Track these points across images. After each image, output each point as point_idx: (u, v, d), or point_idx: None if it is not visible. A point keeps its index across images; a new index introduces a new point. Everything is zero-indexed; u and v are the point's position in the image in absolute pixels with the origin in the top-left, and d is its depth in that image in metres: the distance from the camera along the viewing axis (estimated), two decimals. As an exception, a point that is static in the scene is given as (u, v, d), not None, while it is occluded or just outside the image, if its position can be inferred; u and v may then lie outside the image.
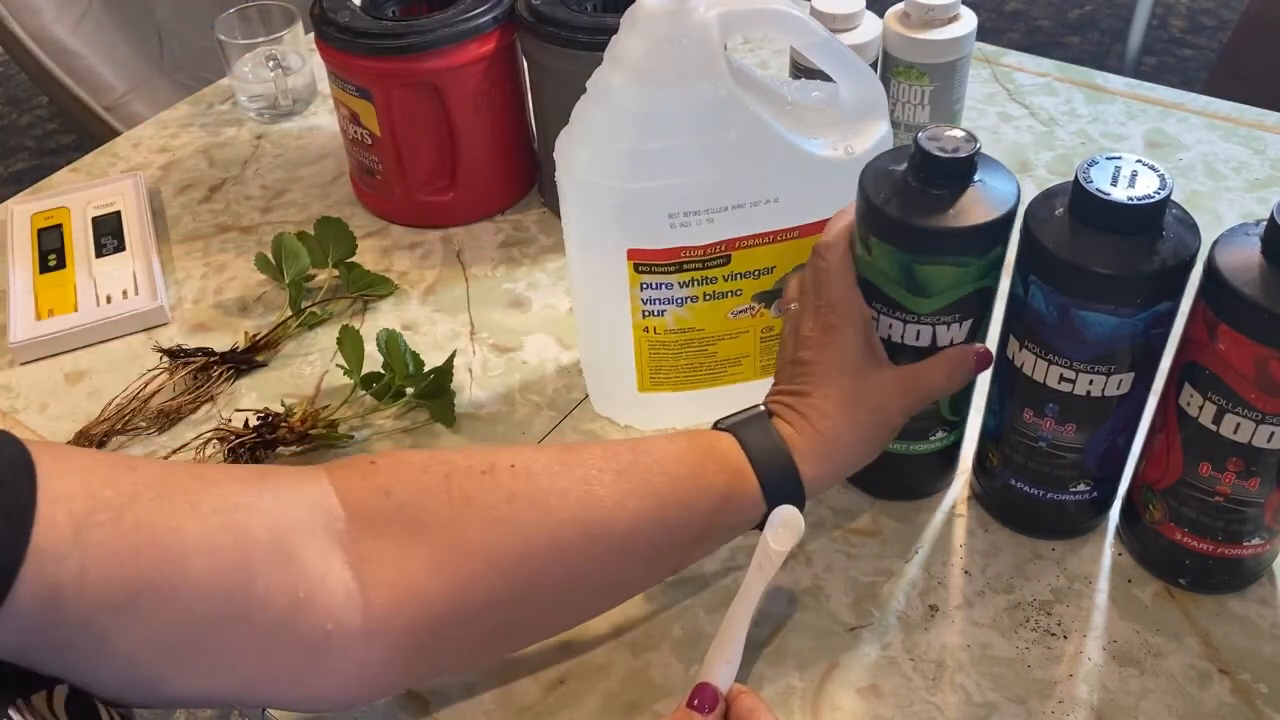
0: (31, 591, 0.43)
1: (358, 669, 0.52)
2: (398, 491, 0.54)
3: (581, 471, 0.56)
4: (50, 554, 0.43)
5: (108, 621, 0.45)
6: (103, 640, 0.46)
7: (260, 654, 0.50)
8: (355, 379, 0.77)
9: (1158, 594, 0.65)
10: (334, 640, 0.50)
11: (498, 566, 0.53)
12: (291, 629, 0.50)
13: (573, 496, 0.55)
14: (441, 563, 0.53)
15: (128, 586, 0.45)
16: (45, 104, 2.70)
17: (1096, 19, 2.85)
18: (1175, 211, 0.58)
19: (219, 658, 0.49)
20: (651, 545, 0.57)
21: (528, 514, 0.54)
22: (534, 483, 0.55)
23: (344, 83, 0.90)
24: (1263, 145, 0.99)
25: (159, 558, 0.46)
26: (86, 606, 0.44)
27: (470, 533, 0.53)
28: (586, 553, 0.55)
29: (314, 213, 0.97)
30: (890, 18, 0.89)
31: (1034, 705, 0.60)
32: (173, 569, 0.47)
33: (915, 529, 0.69)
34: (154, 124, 1.13)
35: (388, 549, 0.52)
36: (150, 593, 0.46)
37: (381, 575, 0.52)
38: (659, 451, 0.58)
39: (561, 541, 0.54)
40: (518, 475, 0.55)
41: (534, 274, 0.91)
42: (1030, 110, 1.05)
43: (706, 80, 0.62)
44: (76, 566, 0.44)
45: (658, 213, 0.65)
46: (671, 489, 0.57)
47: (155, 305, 0.88)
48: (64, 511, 0.44)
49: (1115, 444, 0.64)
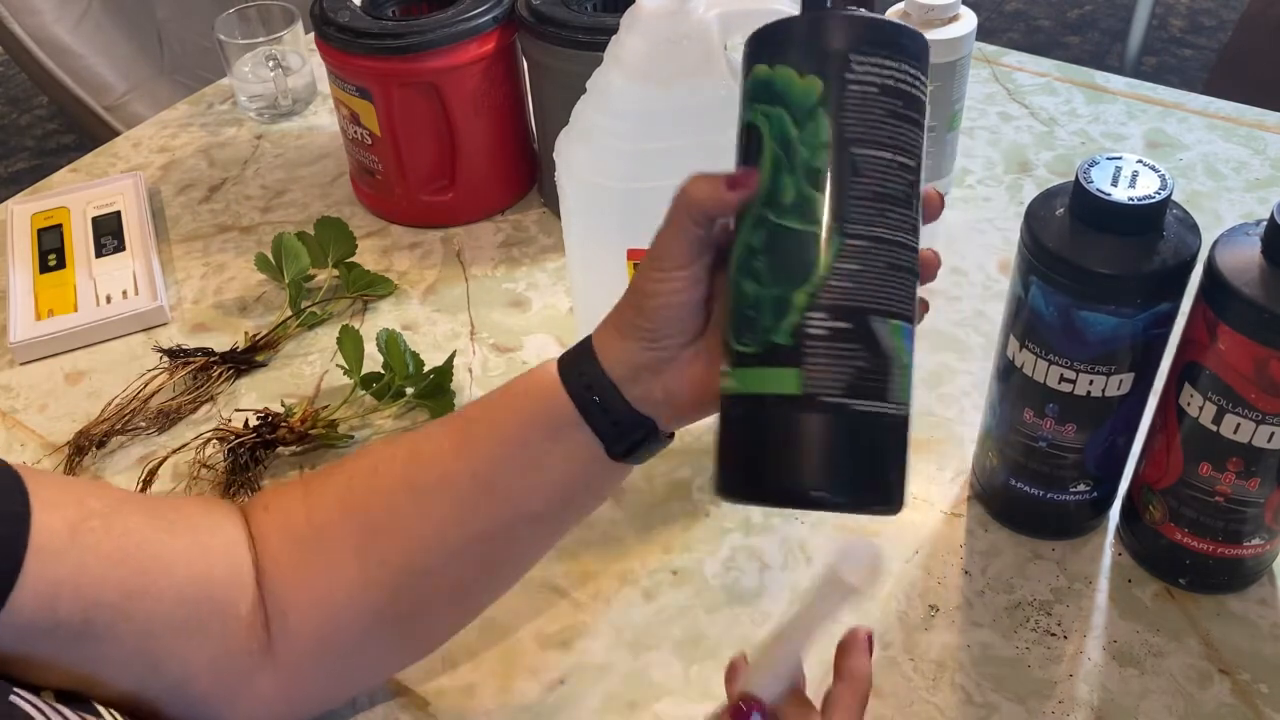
0: (34, 588, 0.45)
1: (279, 687, 0.54)
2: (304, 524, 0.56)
3: (418, 434, 0.56)
4: (50, 552, 0.46)
5: (103, 622, 0.47)
6: (98, 641, 0.48)
7: (211, 668, 0.52)
8: (355, 379, 0.77)
9: (1158, 594, 0.65)
10: (258, 658, 0.54)
11: (360, 556, 0.54)
12: (238, 643, 0.53)
13: (399, 459, 0.55)
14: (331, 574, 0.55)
15: (121, 586, 0.48)
16: (45, 104, 2.70)
17: (1096, 19, 2.85)
18: (1175, 211, 0.58)
19: (183, 667, 0.51)
20: (474, 476, 0.53)
21: (365, 496, 0.55)
22: (382, 465, 0.56)
23: (344, 83, 0.90)
24: (1263, 145, 0.99)
25: (146, 563, 0.50)
26: (84, 604, 0.47)
27: (346, 533, 0.55)
28: (419, 510, 0.54)
29: (314, 213, 0.97)
30: (890, 17, 0.89)
31: (1034, 705, 0.60)
32: (160, 573, 0.50)
33: (915, 529, 0.69)
34: (154, 124, 1.13)
35: (297, 575, 0.55)
36: (140, 595, 0.49)
37: (292, 597, 0.54)
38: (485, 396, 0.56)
39: (396, 508, 0.54)
40: (383, 463, 0.56)
41: (534, 274, 0.91)
42: (1030, 110, 1.05)
43: (707, 80, 0.62)
44: (74, 564, 0.47)
45: (658, 213, 0.64)
46: (479, 411, 0.55)
47: (155, 305, 0.88)
48: (59, 516, 0.47)
49: (1115, 444, 0.64)
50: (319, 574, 0.54)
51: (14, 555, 0.45)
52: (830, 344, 0.43)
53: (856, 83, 0.45)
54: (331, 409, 0.77)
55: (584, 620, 0.65)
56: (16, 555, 0.45)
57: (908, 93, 0.46)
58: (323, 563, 0.54)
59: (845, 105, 0.45)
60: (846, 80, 0.45)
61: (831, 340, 0.43)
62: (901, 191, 0.45)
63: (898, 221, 0.45)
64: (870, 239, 0.44)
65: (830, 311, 0.43)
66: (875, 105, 0.45)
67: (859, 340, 0.43)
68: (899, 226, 0.45)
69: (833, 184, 0.44)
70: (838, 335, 0.43)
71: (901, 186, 0.45)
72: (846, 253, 0.44)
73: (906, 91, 0.46)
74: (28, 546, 0.45)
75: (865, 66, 0.45)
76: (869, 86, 0.45)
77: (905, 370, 0.44)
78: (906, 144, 0.45)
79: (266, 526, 0.56)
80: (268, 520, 0.56)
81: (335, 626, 0.54)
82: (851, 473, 0.44)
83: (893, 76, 0.45)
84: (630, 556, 0.68)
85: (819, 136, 0.45)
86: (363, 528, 0.54)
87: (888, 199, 0.45)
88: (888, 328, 0.44)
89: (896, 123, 0.45)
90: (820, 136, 0.45)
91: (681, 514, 0.71)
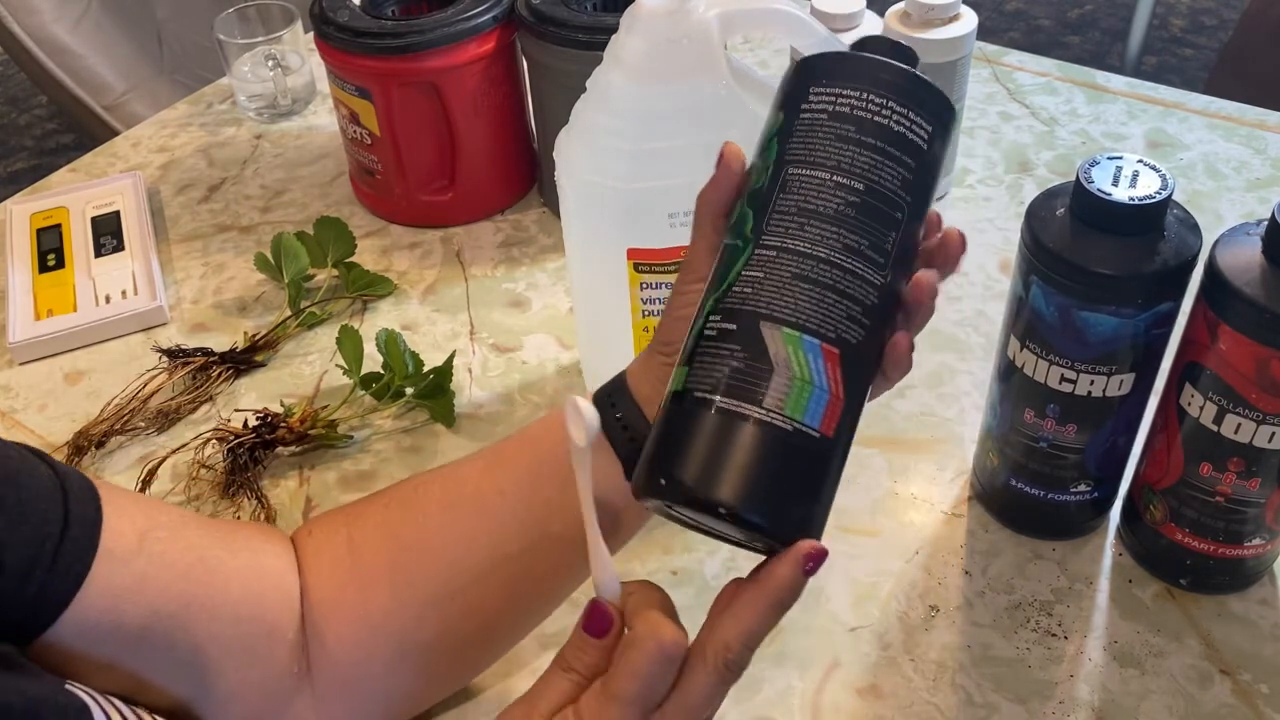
0: (100, 589, 0.47)
1: (315, 715, 0.55)
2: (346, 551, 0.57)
3: (461, 459, 0.57)
4: (118, 557, 0.48)
5: (160, 630, 0.49)
6: (153, 650, 0.50)
7: (256, 688, 0.53)
8: (355, 379, 0.77)
9: (1158, 594, 0.65)
10: (299, 682, 0.55)
11: (390, 578, 0.55)
12: (282, 667, 0.54)
13: (437, 479, 0.57)
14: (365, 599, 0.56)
15: (181, 598, 0.50)
16: (44, 104, 2.70)
17: (1097, 18, 2.85)
18: (1176, 212, 0.58)
19: (229, 686, 0.52)
20: (501, 494, 0.54)
21: (401, 514, 0.56)
22: (422, 489, 0.57)
23: (343, 82, 0.90)
24: (1263, 145, 0.99)
25: (206, 578, 0.52)
26: (145, 611, 0.49)
27: (385, 560, 0.56)
28: (447, 528, 0.55)
29: (313, 212, 0.97)
30: (890, 17, 0.89)
31: (1034, 706, 0.60)
32: (218, 589, 0.52)
33: (915, 529, 0.69)
34: (153, 124, 1.12)
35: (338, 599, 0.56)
36: (197, 608, 0.51)
37: (330, 622, 0.55)
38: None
39: (427, 525, 0.55)
40: (420, 489, 0.57)
41: (534, 274, 0.91)
42: (1031, 110, 1.05)
43: (706, 80, 0.62)
44: (140, 571, 0.49)
45: (658, 213, 0.64)
46: (517, 434, 0.56)
47: (154, 305, 0.88)
48: (129, 524, 0.50)
49: (1116, 444, 0.64)
50: (354, 597, 0.55)
51: (85, 556, 0.47)
52: (715, 343, 0.43)
53: (808, 110, 0.46)
54: (331, 409, 0.77)
55: (584, 621, 0.65)
56: (87, 557, 0.47)
57: (867, 120, 0.45)
58: (357, 585, 0.55)
59: (791, 131, 0.46)
60: (800, 110, 0.46)
61: (717, 340, 0.43)
62: (834, 210, 0.44)
63: (823, 238, 0.44)
64: (780, 249, 0.44)
65: (723, 314, 0.44)
66: (820, 129, 0.45)
67: (739, 341, 0.43)
68: (825, 243, 0.44)
69: (760, 201, 0.45)
70: (722, 335, 0.43)
71: (836, 205, 0.44)
72: (754, 261, 0.44)
73: (865, 119, 0.45)
74: (98, 549, 0.48)
75: (820, 96, 0.46)
76: (819, 113, 0.45)
77: (803, 385, 0.42)
78: (855, 167, 0.44)
79: (310, 551, 0.57)
80: (311, 544, 0.57)
81: (367, 652, 0.55)
82: (710, 472, 0.41)
83: (849, 104, 0.45)
84: (630, 556, 0.68)
85: (767, 161, 0.46)
86: (395, 547, 0.55)
87: (814, 215, 0.44)
88: (780, 335, 0.42)
89: (842, 145, 0.45)
90: (768, 161, 0.46)
91: (681, 514, 0.71)
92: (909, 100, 0.46)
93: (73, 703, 0.43)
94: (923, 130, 0.46)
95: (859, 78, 0.46)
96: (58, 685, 0.43)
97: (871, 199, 0.44)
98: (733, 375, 0.42)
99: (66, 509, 0.48)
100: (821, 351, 0.43)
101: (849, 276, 0.44)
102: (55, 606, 0.46)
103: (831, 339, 0.43)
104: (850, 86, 0.45)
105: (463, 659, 0.58)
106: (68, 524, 0.47)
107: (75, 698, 0.43)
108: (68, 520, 0.47)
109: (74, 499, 0.48)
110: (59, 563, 0.46)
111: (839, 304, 0.43)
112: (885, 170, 0.45)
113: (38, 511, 0.47)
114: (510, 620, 0.58)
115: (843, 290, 0.43)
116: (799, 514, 0.42)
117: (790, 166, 0.45)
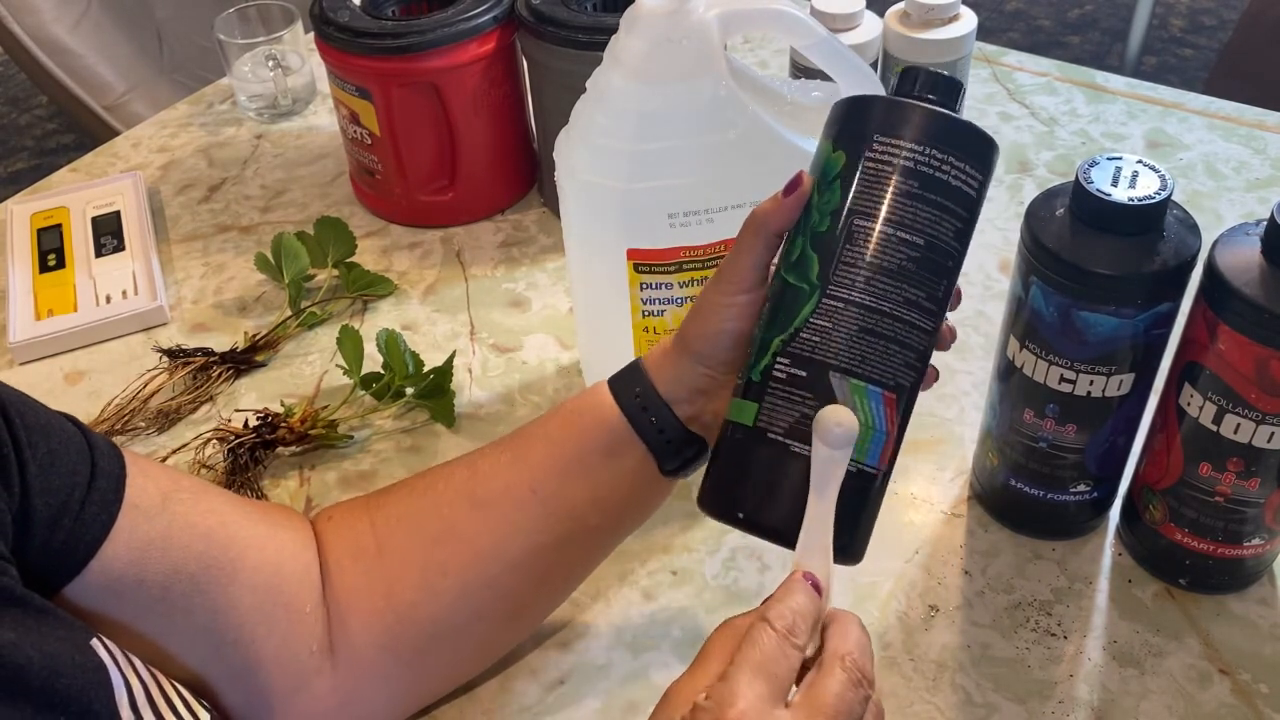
0: (125, 542, 0.49)
1: (336, 694, 0.56)
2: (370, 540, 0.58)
3: (475, 454, 0.58)
4: (142, 511, 0.50)
5: (180, 591, 0.50)
6: (172, 611, 0.50)
7: (273, 659, 0.54)
8: (355, 379, 0.77)
9: (1158, 594, 0.65)
10: (318, 659, 0.55)
11: (423, 567, 0.56)
12: (300, 641, 0.54)
13: (458, 475, 0.58)
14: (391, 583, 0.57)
15: (201, 559, 0.51)
16: (45, 104, 2.70)
17: (1097, 19, 2.85)
18: (1176, 212, 0.58)
19: (246, 655, 0.53)
20: (533, 491, 0.55)
21: (427, 509, 0.57)
22: (441, 481, 0.58)
23: (343, 82, 0.90)
24: (1263, 145, 0.99)
25: (226, 542, 0.53)
26: (167, 569, 0.50)
27: (404, 548, 0.57)
28: (480, 521, 0.56)
29: (314, 212, 0.97)
30: (890, 17, 0.89)
31: (1034, 706, 0.60)
32: (237, 554, 0.53)
33: (915, 529, 0.69)
34: (153, 124, 1.13)
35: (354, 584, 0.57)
36: (217, 570, 0.52)
37: (356, 605, 0.56)
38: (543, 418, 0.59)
39: (456, 520, 0.56)
40: (438, 480, 0.59)
41: (534, 274, 0.91)
42: (1030, 110, 1.05)
43: (706, 80, 0.62)
44: (163, 528, 0.50)
45: (658, 213, 0.65)
46: (536, 429, 0.57)
47: (155, 305, 0.88)
48: (153, 483, 0.51)
49: (1115, 444, 0.64)
50: (381, 583, 0.56)
51: (111, 508, 0.48)
52: (785, 387, 0.47)
53: (872, 160, 0.48)
54: (331, 409, 0.77)
55: (584, 620, 0.65)
56: (113, 508, 0.49)
57: (931, 177, 0.47)
58: (385, 573, 0.56)
59: (854, 178, 0.48)
60: (864, 156, 0.48)
61: (788, 384, 0.47)
62: (897, 266, 0.47)
63: (888, 292, 0.47)
64: (847, 302, 0.47)
65: (793, 359, 0.47)
66: (884, 182, 0.47)
67: (811, 389, 0.46)
68: (889, 298, 0.47)
69: (825, 247, 0.48)
70: (793, 381, 0.47)
71: (899, 261, 0.47)
72: (821, 310, 0.47)
73: (930, 176, 0.47)
74: (123, 502, 0.49)
75: (885, 147, 0.48)
76: (883, 164, 0.48)
77: (867, 430, 0.47)
78: (918, 223, 0.47)
79: (331, 536, 0.58)
80: (331, 529, 0.58)
81: (396, 635, 0.56)
82: (782, 508, 0.47)
83: (914, 159, 0.47)
84: (630, 557, 0.68)
85: (830, 204, 0.48)
86: (425, 540, 0.56)
87: (879, 270, 0.47)
88: (848, 385, 0.46)
89: (906, 201, 0.47)
90: (831, 204, 0.48)
91: (681, 514, 0.71)
92: (966, 154, 0.48)
93: (90, 660, 0.43)
94: (975, 180, 0.49)
95: (924, 131, 0.48)
96: (83, 638, 0.44)
97: (931, 253, 0.48)
98: (803, 421, 0.46)
99: (94, 463, 0.49)
100: (883, 399, 0.47)
101: (909, 329, 0.47)
102: (83, 555, 0.47)
103: (890, 386, 0.47)
104: (915, 140, 0.48)
105: (493, 642, 0.60)
106: (94, 476, 0.48)
107: (94, 656, 0.43)
108: (94, 473, 0.49)
109: (100, 454, 0.49)
110: (86, 510, 0.47)
111: (899, 354, 0.47)
112: (943, 225, 0.48)
113: (67, 462, 0.48)
114: (542, 603, 0.60)
115: (903, 341, 0.47)
116: (859, 535, 0.48)
117: (856, 218, 0.48)
